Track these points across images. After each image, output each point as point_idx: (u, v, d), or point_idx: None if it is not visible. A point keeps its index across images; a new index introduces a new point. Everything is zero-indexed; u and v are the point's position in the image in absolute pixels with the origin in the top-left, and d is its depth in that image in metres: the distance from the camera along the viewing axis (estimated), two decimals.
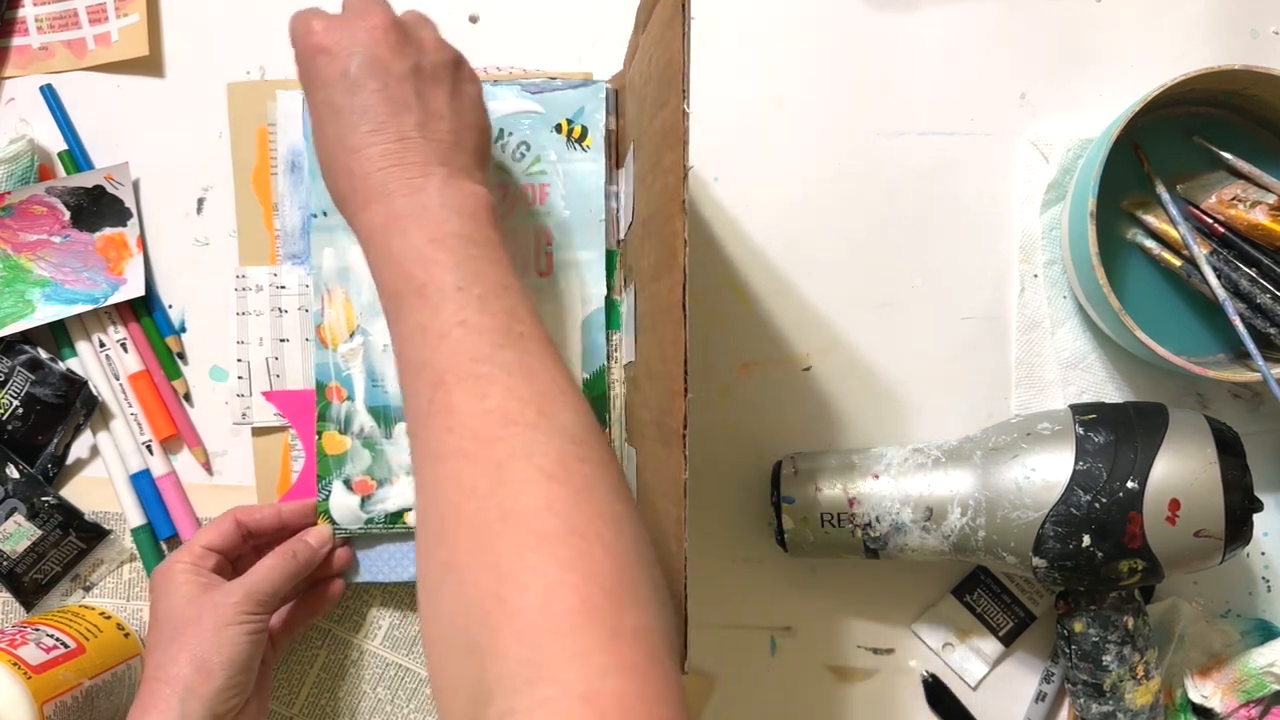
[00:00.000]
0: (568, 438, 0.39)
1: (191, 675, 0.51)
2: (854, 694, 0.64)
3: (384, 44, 0.46)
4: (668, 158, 0.43)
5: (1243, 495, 0.54)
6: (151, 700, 0.51)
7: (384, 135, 0.45)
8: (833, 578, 0.64)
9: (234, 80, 0.63)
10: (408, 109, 0.46)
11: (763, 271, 0.64)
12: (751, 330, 0.64)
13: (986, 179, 0.64)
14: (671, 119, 0.42)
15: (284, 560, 0.57)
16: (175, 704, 0.51)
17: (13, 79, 0.64)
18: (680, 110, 0.40)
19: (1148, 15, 0.65)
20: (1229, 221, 0.58)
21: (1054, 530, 0.54)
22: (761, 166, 0.64)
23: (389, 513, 0.61)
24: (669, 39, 0.42)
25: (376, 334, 0.61)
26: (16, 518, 0.61)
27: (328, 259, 0.61)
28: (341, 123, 0.46)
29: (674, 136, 0.42)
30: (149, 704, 0.51)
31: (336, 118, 0.46)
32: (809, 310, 0.64)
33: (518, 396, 0.39)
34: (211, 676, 0.52)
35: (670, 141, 0.42)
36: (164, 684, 0.51)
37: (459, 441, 0.39)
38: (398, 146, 0.45)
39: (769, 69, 0.64)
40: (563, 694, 0.32)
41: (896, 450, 0.60)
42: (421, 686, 0.64)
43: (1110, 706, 0.58)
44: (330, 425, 0.61)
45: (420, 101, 0.47)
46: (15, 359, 0.61)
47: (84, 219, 0.63)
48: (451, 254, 0.43)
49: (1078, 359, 0.64)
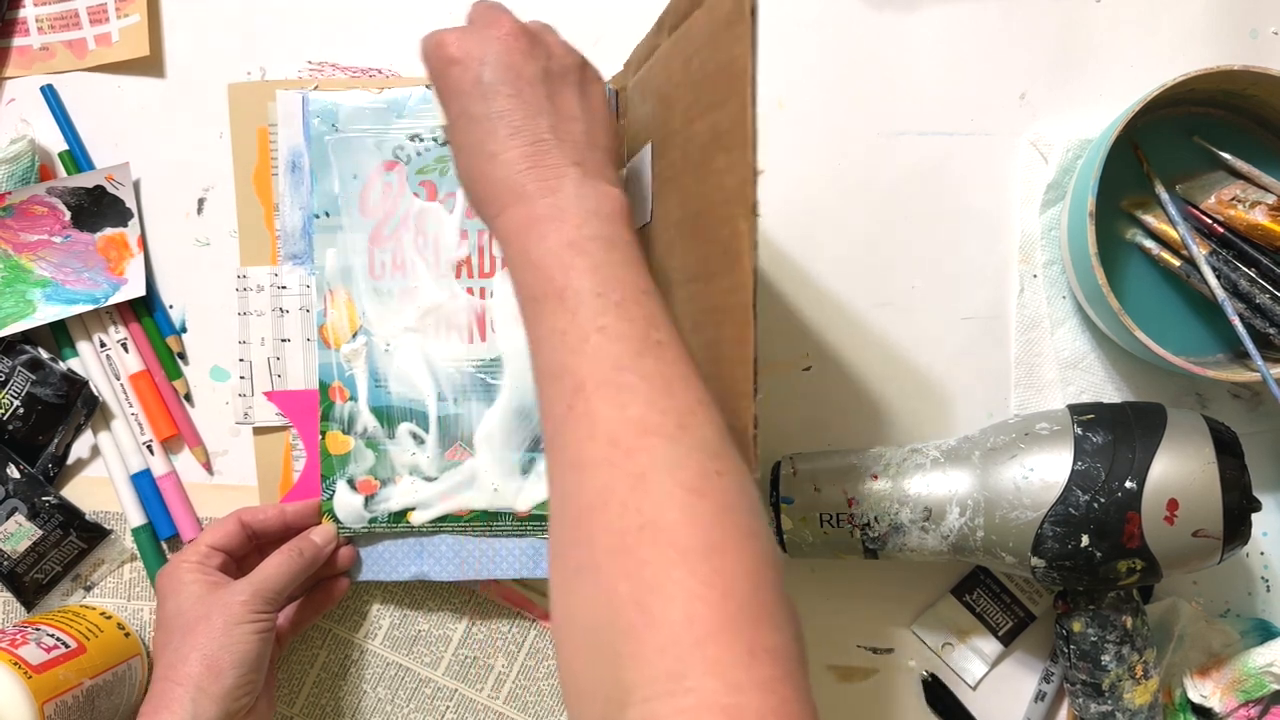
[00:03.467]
0: (707, 452, 0.39)
1: (202, 674, 0.52)
2: (854, 694, 0.64)
3: (514, 50, 0.47)
4: (722, 160, 0.43)
5: (1241, 495, 0.54)
6: (163, 700, 0.51)
7: (520, 139, 0.46)
8: (832, 578, 0.64)
9: (234, 80, 0.63)
10: (541, 112, 0.47)
11: (762, 271, 0.64)
12: None
13: (986, 179, 0.64)
14: (730, 121, 0.42)
15: (290, 558, 0.57)
16: (187, 704, 0.51)
17: (13, 79, 0.64)
18: (744, 113, 0.40)
19: (1148, 15, 0.64)
20: (1228, 221, 0.58)
21: (1052, 530, 0.54)
22: (762, 166, 0.64)
23: (392, 512, 0.61)
24: (727, 41, 0.42)
25: (379, 335, 0.61)
26: (17, 517, 0.61)
27: (330, 259, 0.61)
28: (479, 129, 0.47)
29: (734, 139, 0.42)
30: (161, 704, 0.51)
31: (473, 125, 0.47)
32: (809, 310, 0.64)
33: (658, 408, 0.39)
34: (222, 675, 0.52)
35: (727, 144, 0.42)
36: (175, 684, 0.51)
37: (600, 449, 0.39)
38: (534, 149, 0.46)
39: (770, 69, 0.64)
40: (702, 705, 0.33)
41: (895, 450, 0.60)
42: (421, 686, 0.64)
43: (1109, 706, 0.58)
44: (334, 425, 0.61)
45: (552, 104, 0.47)
46: (16, 359, 0.61)
47: (85, 219, 0.63)
48: (589, 258, 0.43)
49: (1077, 359, 0.64)
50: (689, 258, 0.48)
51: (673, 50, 0.50)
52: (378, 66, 0.64)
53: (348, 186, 0.61)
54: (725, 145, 0.43)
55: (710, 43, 0.45)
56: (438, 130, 0.61)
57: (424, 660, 0.64)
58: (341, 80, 0.64)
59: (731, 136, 0.42)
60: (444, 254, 0.61)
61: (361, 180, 0.61)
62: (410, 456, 0.61)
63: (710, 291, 0.46)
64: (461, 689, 0.64)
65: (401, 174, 0.61)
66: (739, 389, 0.43)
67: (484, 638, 0.64)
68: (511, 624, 0.64)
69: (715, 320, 0.45)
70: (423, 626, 0.64)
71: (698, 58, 0.46)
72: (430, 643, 0.64)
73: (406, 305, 0.61)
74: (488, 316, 0.61)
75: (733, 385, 0.43)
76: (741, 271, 0.42)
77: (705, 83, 0.45)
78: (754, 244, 0.41)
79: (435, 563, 0.62)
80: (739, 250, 0.42)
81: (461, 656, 0.64)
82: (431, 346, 0.61)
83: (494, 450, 0.61)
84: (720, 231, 0.44)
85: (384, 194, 0.61)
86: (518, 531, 0.61)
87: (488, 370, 0.61)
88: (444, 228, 0.61)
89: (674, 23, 0.50)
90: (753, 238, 0.41)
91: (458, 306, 0.61)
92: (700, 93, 0.46)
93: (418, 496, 0.61)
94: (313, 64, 0.64)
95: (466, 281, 0.61)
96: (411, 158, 0.61)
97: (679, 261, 0.49)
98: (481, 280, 0.61)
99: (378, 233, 0.61)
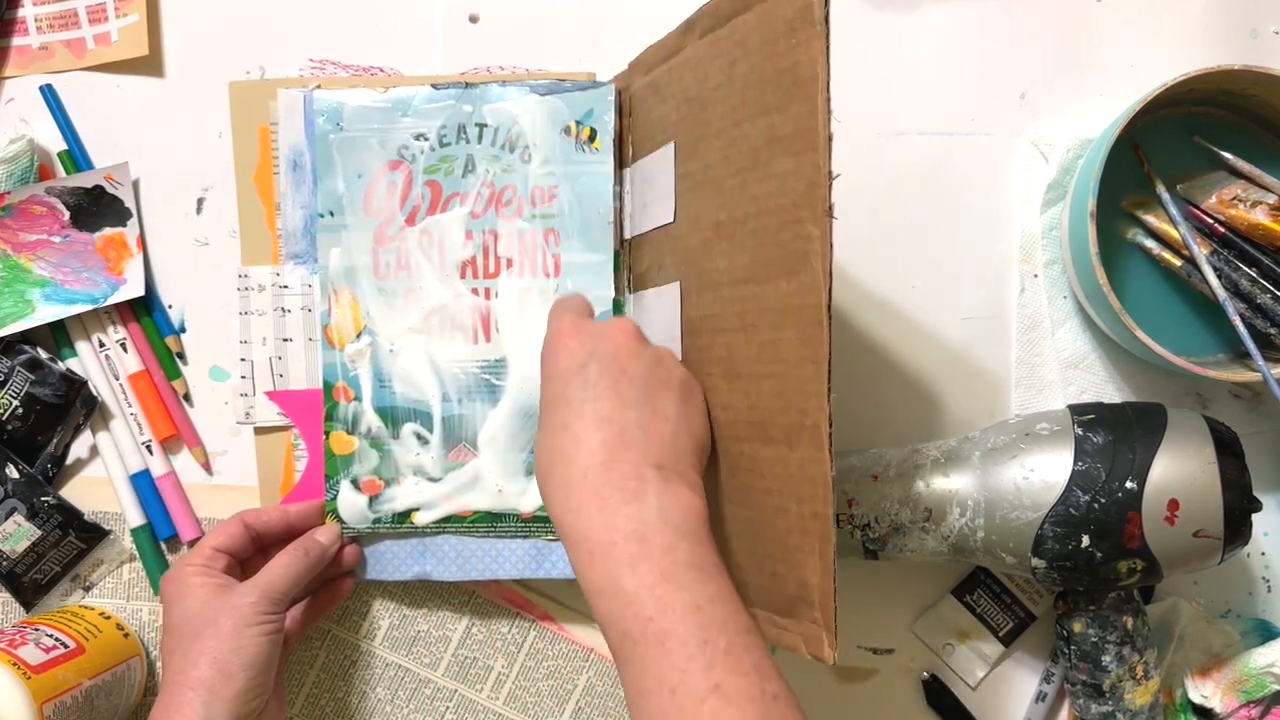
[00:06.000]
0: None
1: (213, 678, 0.52)
2: (854, 694, 0.64)
3: (625, 349, 0.49)
4: (786, 163, 0.44)
5: (1241, 495, 0.54)
6: (175, 704, 0.51)
7: (606, 429, 0.46)
8: None
9: (233, 79, 0.63)
10: (633, 405, 0.47)
11: None
12: None
13: (986, 179, 0.64)
14: (794, 125, 0.43)
15: (296, 558, 0.57)
16: (199, 707, 0.51)
17: (13, 79, 0.64)
18: (814, 117, 0.41)
19: (1148, 15, 0.65)
20: (1229, 221, 0.58)
21: (1053, 531, 0.54)
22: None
23: (396, 512, 0.61)
24: (787, 47, 0.43)
25: (383, 335, 0.61)
26: (16, 518, 0.61)
27: (334, 259, 0.61)
28: (568, 411, 0.47)
29: (802, 143, 0.43)
30: (172, 709, 0.51)
31: (565, 407, 0.48)
32: None
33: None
34: (233, 678, 0.52)
35: (796, 148, 0.43)
36: (186, 688, 0.51)
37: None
38: (616, 440, 0.46)
39: None
40: None
41: (895, 451, 0.60)
42: (421, 687, 0.64)
43: (1109, 706, 0.58)
44: (338, 425, 0.61)
45: (648, 402, 0.48)
46: (15, 359, 0.61)
47: (84, 219, 0.63)
48: (687, 593, 0.42)
49: (1077, 359, 0.64)
50: (737, 259, 0.48)
51: (709, 53, 0.50)
52: (379, 65, 0.64)
53: (352, 186, 0.61)
54: (791, 149, 0.43)
55: (764, 47, 0.45)
56: (442, 130, 0.61)
57: (424, 661, 0.64)
58: (343, 79, 0.64)
59: (799, 140, 0.43)
60: (449, 254, 0.61)
61: (366, 179, 0.61)
62: (414, 457, 0.61)
63: (766, 293, 0.46)
64: (461, 689, 0.64)
65: (406, 173, 0.61)
66: (808, 388, 0.44)
67: (484, 638, 0.64)
68: (511, 624, 0.64)
69: (773, 322, 0.46)
70: (422, 627, 0.64)
71: (746, 61, 0.47)
72: (430, 643, 0.64)
73: (411, 305, 0.61)
74: (492, 317, 0.61)
75: (799, 384, 0.44)
76: (811, 273, 0.42)
77: (759, 86, 0.46)
78: (829, 246, 0.41)
79: (438, 563, 0.62)
80: (809, 253, 0.42)
81: (461, 657, 0.64)
82: (436, 347, 0.61)
83: (498, 451, 0.61)
84: (781, 235, 0.45)
85: (388, 193, 0.61)
86: (521, 532, 0.61)
87: (492, 371, 0.61)
88: (449, 228, 0.61)
89: (709, 25, 0.50)
90: (827, 240, 0.41)
91: (462, 307, 0.61)
92: (751, 96, 0.46)
93: (422, 497, 0.61)
94: (314, 62, 0.64)
95: (471, 282, 0.61)
96: (416, 157, 0.61)
97: (725, 263, 0.50)
98: (486, 280, 0.61)
99: (382, 232, 0.61)
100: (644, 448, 0.46)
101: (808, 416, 0.44)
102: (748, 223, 0.47)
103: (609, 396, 0.47)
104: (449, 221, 0.61)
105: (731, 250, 0.49)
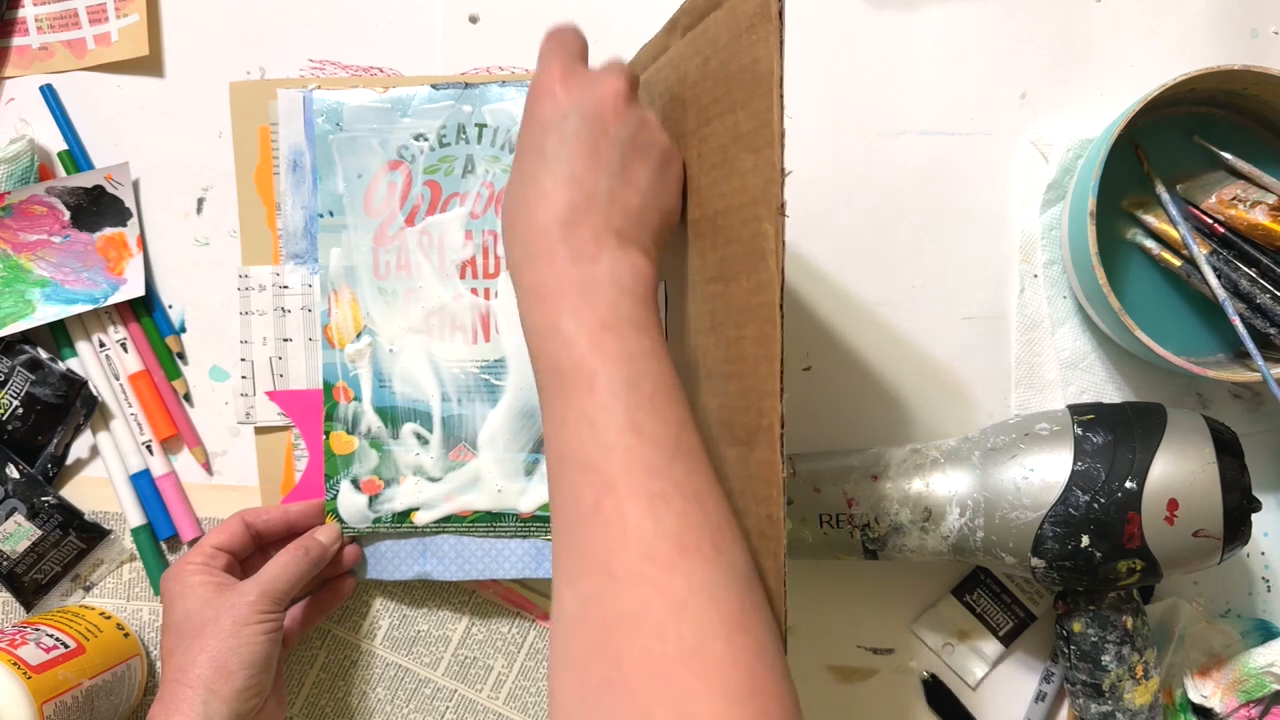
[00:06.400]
0: (742, 580, 0.39)
1: (212, 676, 0.52)
2: (854, 694, 0.64)
3: (610, 109, 0.47)
4: (747, 160, 0.43)
5: (1241, 495, 0.54)
6: (174, 703, 0.51)
7: (574, 188, 0.45)
8: (832, 578, 0.64)
9: (233, 79, 0.63)
10: (607, 171, 0.46)
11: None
12: None
13: (986, 179, 0.64)
14: (754, 122, 0.42)
15: (296, 557, 0.57)
16: (198, 706, 0.51)
17: (13, 79, 0.64)
18: (770, 113, 0.40)
19: (1148, 15, 0.65)
20: (1229, 221, 0.58)
21: (1052, 531, 0.54)
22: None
23: (396, 512, 0.61)
24: (749, 43, 0.42)
25: (383, 335, 0.61)
26: (16, 518, 0.61)
27: (334, 259, 0.61)
28: (541, 163, 0.46)
29: (760, 139, 0.42)
30: (172, 707, 0.51)
31: (538, 158, 0.47)
32: (808, 310, 0.64)
33: (693, 524, 0.39)
34: (232, 677, 0.52)
35: (755, 144, 0.42)
36: (185, 686, 0.52)
37: (634, 562, 0.38)
38: (585, 202, 0.45)
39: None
40: None
41: (895, 451, 0.60)
42: (421, 687, 0.64)
43: (1109, 706, 0.58)
44: (338, 425, 0.61)
45: (622, 169, 0.46)
46: (15, 359, 0.61)
47: (84, 219, 0.63)
48: (623, 342, 0.42)
49: (1077, 359, 0.64)
50: (708, 258, 0.48)
51: (688, 50, 0.50)
52: (379, 65, 0.64)
53: (352, 186, 0.61)
54: (751, 146, 0.43)
55: (731, 43, 0.45)
56: (442, 130, 0.61)
57: (423, 661, 0.64)
58: (343, 79, 0.64)
59: (757, 137, 0.42)
60: (449, 254, 0.61)
61: (366, 180, 0.61)
62: (414, 457, 0.61)
63: (731, 291, 0.46)
64: (461, 689, 0.64)
65: (406, 173, 0.61)
66: (764, 387, 0.43)
67: (483, 638, 0.64)
68: (511, 624, 0.64)
69: (736, 320, 0.45)
70: (422, 627, 0.64)
71: (716, 58, 0.46)
72: (430, 643, 0.64)
73: (411, 305, 0.61)
74: (492, 317, 0.61)
75: (757, 384, 0.43)
76: (766, 271, 0.42)
77: (725, 83, 0.45)
78: (781, 244, 0.41)
79: (438, 562, 0.62)
80: (764, 250, 0.42)
81: (461, 657, 0.64)
82: (436, 347, 0.61)
83: (498, 451, 0.61)
84: (742, 232, 0.44)
85: (388, 193, 0.61)
86: (521, 532, 0.61)
87: (492, 371, 0.61)
88: (448, 228, 0.61)
89: (689, 23, 0.50)
90: (780, 238, 0.41)
91: (462, 307, 0.61)
92: (719, 93, 0.46)
93: (421, 497, 0.61)
94: (314, 62, 0.64)
95: (471, 282, 0.61)
96: (416, 157, 0.61)
97: (697, 262, 0.49)
98: (486, 281, 0.61)
99: (382, 232, 0.61)
100: (608, 214, 0.45)
101: (764, 416, 0.43)
102: (717, 220, 0.47)
103: (584, 156, 0.46)
104: (449, 221, 0.61)
105: (704, 249, 0.49)
